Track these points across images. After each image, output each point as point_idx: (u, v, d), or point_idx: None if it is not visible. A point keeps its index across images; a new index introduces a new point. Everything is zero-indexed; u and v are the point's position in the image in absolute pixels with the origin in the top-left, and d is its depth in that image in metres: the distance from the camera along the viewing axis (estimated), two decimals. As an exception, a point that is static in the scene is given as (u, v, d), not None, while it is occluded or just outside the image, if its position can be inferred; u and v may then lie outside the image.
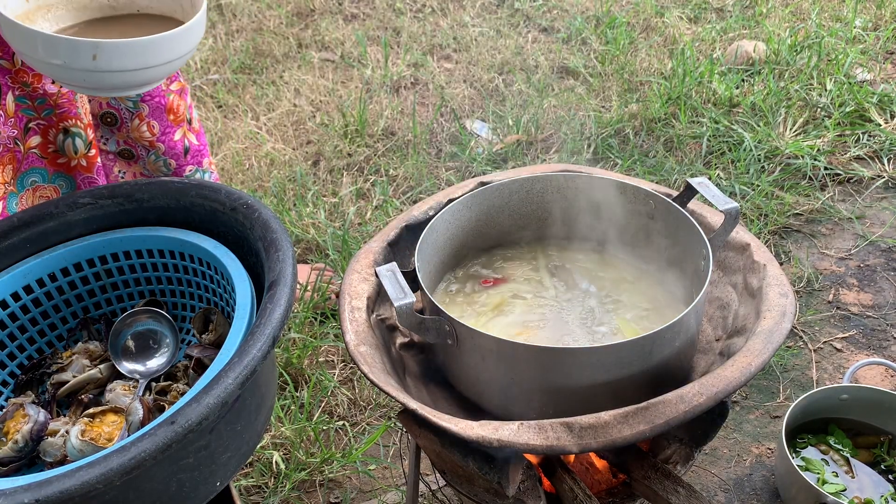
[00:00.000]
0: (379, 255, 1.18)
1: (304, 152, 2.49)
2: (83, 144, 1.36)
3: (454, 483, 1.12)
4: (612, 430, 0.90)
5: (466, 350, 1.01)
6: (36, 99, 1.29)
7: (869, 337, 1.85)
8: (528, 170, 1.31)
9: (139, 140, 1.51)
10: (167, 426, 0.74)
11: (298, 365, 1.78)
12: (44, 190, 1.37)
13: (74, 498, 0.70)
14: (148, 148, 1.53)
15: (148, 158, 1.54)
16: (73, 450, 0.90)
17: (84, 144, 1.36)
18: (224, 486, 0.89)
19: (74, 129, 1.34)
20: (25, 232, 1.06)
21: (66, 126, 1.33)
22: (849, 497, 1.43)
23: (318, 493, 1.58)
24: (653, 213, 1.17)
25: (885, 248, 2.08)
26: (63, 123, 1.33)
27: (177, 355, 1.06)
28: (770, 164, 2.32)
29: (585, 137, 2.45)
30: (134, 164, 1.55)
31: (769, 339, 0.98)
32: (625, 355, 0.95)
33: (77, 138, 1.34)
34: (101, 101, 1.44)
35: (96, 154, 1.39)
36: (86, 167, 1.39)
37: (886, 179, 2.28)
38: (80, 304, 1.10)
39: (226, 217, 1.04)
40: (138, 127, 1.49)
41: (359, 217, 2.21)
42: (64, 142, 1.34)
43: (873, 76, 2.67)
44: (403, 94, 2.80)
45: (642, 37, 3.01)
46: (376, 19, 3.23)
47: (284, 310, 0.86)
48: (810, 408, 1.53)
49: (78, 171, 1.39)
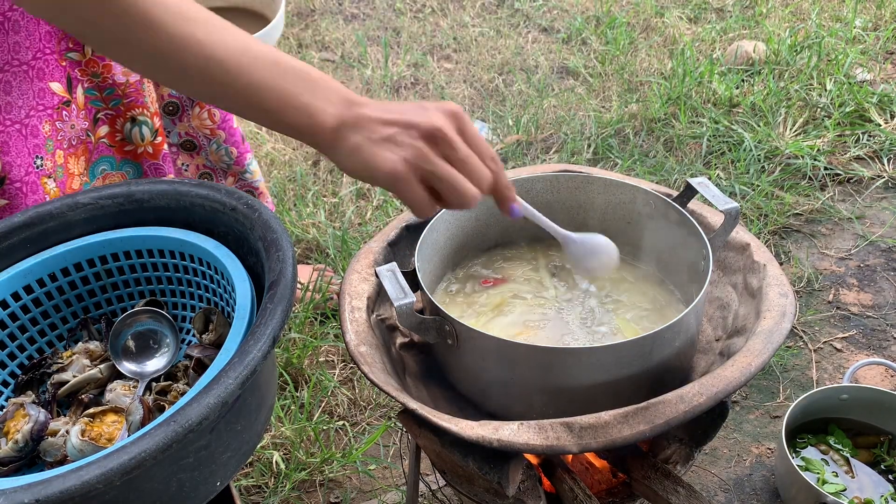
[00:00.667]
0: (379, 255, 1.18)
1: (304, 152, 2.49)
2: (149, 132, 1.39)
3: (454, 483, 1.12)
4: (612, 430, 0.90)
5: (466, 350, 1.01)
6: (104, 90, 1.32)
7: (869, 337, 1.85)
8: (529, 170, 1.31)
9: (200, 129, 1.53)
10: (167, 426, 0.74)
11: (298, 365, 1.78)
12: (112, 177, 1.41)
13: (75, 498, 0.70)
14: (209, 137, 1.55)
15: (210, 148, 1.56)
16: (73, 450, 0.90)
17: (150, 132, 1.39)
18: (224, 486, 0.89)
19: (141, 118, 1.37)
20: (25, 232, 1.06)
21: (134, 115, 1.36)
22: (849, 497, 1.43)
23: (319, 493, 1.58)
24: (653, 213, 1.17)
25: (885, 248, 2.08)
26: (130, 112, 1.36)
27: (177, 355, 1.06)
28: (770, 164, 2.32)
29: (585, 137, 2.45)
30: (196, 155, 1.57)
31: (769, 339, 0.98)
32: (625, 355, 0.95)
33: (143, 126, 1.37)
34: (164, 91, 1.46)
35: (162, 142, 1.42)
36: (152, 154, 1.42)
37: (886, 179, 2.28)
38: (81, 304, 1.10)
39: (226, 217, 1.04)
40: (199, 115, 1.52)
41: (359, 217, 2.21)
42: (131, 130, 1.37)
43: (873, 76, 2.67)
44: (403, 95, 2.80)
45: (642, 37, 3.01)
46: (376, 19, 3.24)
47: (285, 310, 0.86)
48: (810, 408, 1.53)
49: (144, 158, 1.42)
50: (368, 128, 0.81)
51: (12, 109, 1.19)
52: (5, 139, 1.20)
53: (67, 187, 1.31)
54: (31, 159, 1.24)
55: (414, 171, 0.80)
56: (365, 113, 0.81)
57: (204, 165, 1.58)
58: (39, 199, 1.25)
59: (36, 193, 1.25)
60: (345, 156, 0.82)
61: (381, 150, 0.80)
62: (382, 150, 0.80)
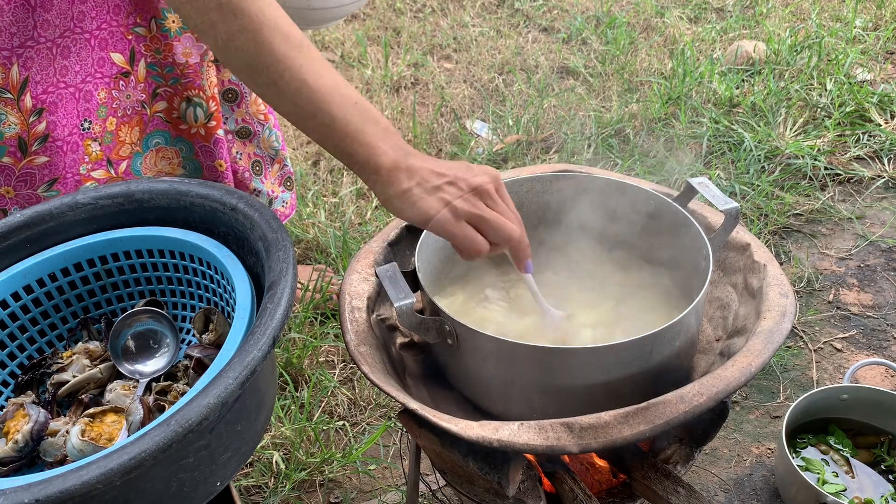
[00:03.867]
0: (379, 255, 1.18)
1: (304, 152, 2.49)
2: (203, 114, 1.42)
3: (454, 483, 1.12)
4: (613, 430, 0.90)
5: (466, 350, 1.01)
6: (165, 67, 1.36)
7: (869, 337, 1.85)
8: (529, 170, 1.31)
9: (255, 115, 1.57)
10: (167, 426, 0.74)
11: (298, 365, 1.78)
12: (165, 151, 1.44)
13: (75, 498, 0.70)
14: (262, 122, 1.59)
15: (263, 134, 1.60)
16: (73, 450, 0.90)
17: (204, 115, 1.42)
18: (224, 486, 0.89)
19: (196, 99, 1.41)
20: (25, 232, 1.06)
21: (189, 95, 1.40)
22: (849, 497, 1.43)
23: (319, 493, 1.58)
24: (653, 212, 1.17)
25: (886, 248, 2.08)
26: (187, 93, 1.39)
27: (177, 355, 1.06)
28: (770, 164, 2.32)
29: (585, 137, 2.45)
30: (249, 143, 1.60)
31: (769, 340, 0.98)
32: (625, 355, 0.95)
33: (198, 108, 1.41)
34: (225, 78, 1.50)
35: (216, 126, 1.45)
36: (203, 136, 1.45)
37: (886, 179, 2.28)
38: (81, 304, 1.10)
39: (226, 217, 1.04)
40: (255, 100, 1.56)
41: (359, 217, 2.21)
42: (186, 110, 1.41)
43: (873, 76, 2.67)
44: (404, 94, 2.80)
45: (642, 37, 3.01)
46: (376, 19, 3.23)
47: (285, 310, 0.86)
48: (810, 408, 1.53)
49: (196, 139, 1.46)
50: (421, 176, 0.95)
51: (67, 73, 1.24)
52: (56, 100, 1.25)
53: (115, 153, 1.35)
54: (79, 121, 1.28)
55: (461, 215, 0.94)
56: (418, 164, 0.95)
57: (255, 153, 1.61)
58: (78, 160, 1.30)
59: (76, 153, 1.30)
60: (394, 196, 0.95)
61: (432, 197, 0.94)
62: (433, 197, 0.94)
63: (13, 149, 1.25)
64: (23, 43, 1.19)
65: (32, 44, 1.20)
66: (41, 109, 1.24)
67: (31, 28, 1.19)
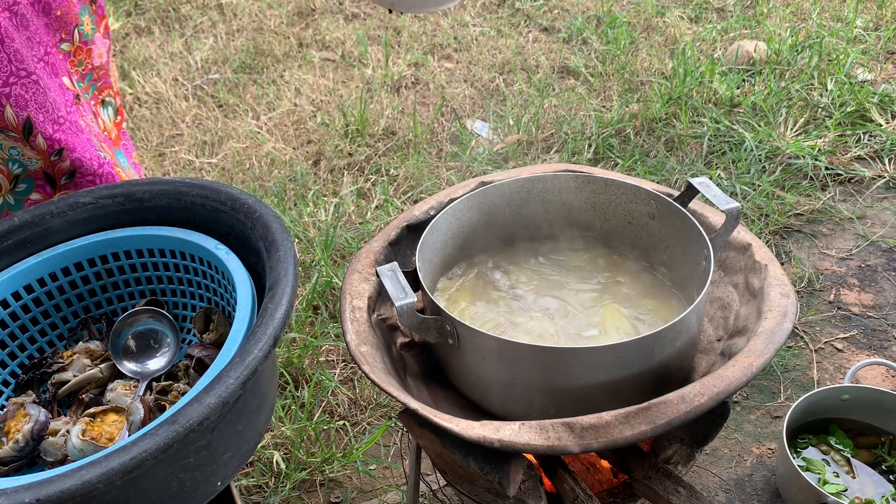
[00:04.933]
0: (380, 255, 1.18)
1: (304, 152, 2.49)
2: (113, 113, 1.35)
3: (455, 483, 1.12)
4: (614, 430, 0.90)
5: (467, 350, 1.01)
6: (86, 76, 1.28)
7: (870, 337, 1.85)
8: (529, 169, 1.31)
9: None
10: (168, 426, 0.74)
11: (299, 365, 1.78)
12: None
13: (75, 497, 0.70)
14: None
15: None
16: (73, 449, 0.90)
17: (114, 112, 1.35)
18: (225, 486, 0.89)
19: (108, 99, 1.33)
20: (26, 232, 1.06)
21: (104, 97, 1.33)
22: (850, 497, 1.43)
23: (319, 492, 1.58)
24: (654, 213, 1.17)
25: (886, 248, 2.08)
26: (102, 95, 1.32)
27: (177, 355, 1.06)
28: (771, 164, 2.32)
29: (586, 137, 2.45)
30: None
31: (770, 340, 0.98)
32: (626, 355, 0.95)
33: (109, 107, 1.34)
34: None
35: (122, 119, 1.38)
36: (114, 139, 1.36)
37: (887, 179, 2.28)
38: (81, 303, 1.10)
39: (227, 217, 1.04)
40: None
41: (359, 217, 2.21)
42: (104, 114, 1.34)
43: (874, 76, 2.66)
44: (404, 94, 2.80)
45: (643, 37, 3.01)
46: (377, 19, 3.23)
47: (285, 310, 0.86)
48: (811, 408, 1.52)
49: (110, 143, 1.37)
50: None
51: (59, 108, 1.17)
52: (66, 137, 1.18)
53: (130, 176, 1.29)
54: (95, 153, 1.21)
55: None
56: None
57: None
58: None
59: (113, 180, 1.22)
60: None
61: None
62: None
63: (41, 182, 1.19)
64: (6, 81, 1.11)
65: (15, 80, 1.11)
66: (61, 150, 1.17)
67: (7, 62, 1.10)
